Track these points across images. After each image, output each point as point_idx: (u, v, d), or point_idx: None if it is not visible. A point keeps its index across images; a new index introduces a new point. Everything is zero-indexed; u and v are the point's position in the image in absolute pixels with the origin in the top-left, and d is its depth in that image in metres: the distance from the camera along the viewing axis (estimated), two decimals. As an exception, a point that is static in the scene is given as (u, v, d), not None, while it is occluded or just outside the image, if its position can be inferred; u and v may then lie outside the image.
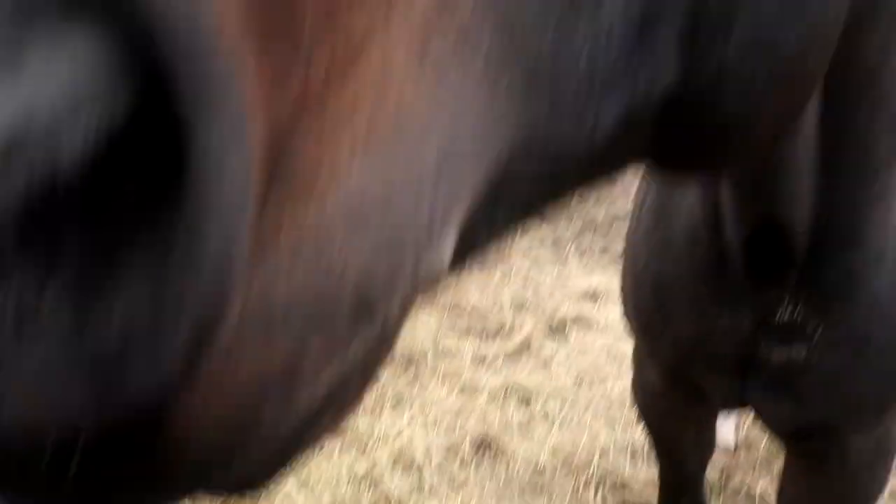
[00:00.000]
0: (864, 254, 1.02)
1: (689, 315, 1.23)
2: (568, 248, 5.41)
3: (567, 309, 4.30)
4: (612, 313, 4.24)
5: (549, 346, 3.90)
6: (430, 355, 3.76)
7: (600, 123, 0.46)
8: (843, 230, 0.99)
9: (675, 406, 1.57)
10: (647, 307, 1.36)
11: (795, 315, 1.07)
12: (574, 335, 4.04)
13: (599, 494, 2.88)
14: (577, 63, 0.41)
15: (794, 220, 0.97)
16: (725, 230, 1.06)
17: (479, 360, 3.78)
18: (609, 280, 4.75)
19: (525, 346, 3.89)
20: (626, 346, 3.85)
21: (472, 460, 3.07)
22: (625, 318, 1.53)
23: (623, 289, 1.49)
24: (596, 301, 4.47)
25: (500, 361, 3.77)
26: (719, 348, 1.21)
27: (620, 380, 3.61)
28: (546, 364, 3.75)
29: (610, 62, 0.43)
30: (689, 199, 1.19)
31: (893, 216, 1.03)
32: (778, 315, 1.09)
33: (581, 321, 4.18)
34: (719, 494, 2.85)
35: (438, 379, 3.57)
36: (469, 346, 3.88)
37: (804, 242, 0.99)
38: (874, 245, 1.02)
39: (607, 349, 3.88)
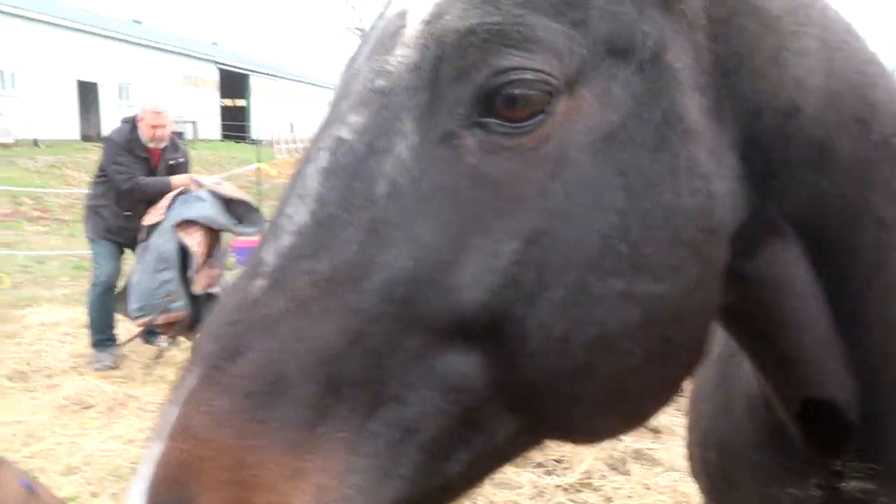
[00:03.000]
0: None
1: (753, 483, 1.21)
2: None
3: (627, 443, 4.20)
4: (675, 451, 4.13)
5: (611, 482, 3.80)
6: (487, 485, 3.71)
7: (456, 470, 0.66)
8: (892, 403, 0.97)
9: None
10: (712, 470, 1.34)
11: (861, 486, 1.06)
12: (636, 471, 3.93)
13: None
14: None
15: (835, 398, 0.96)
16: (776, 405, 1.07)
17: (538, 493, 3.71)
18: (669, 416, 4.65)
19: (586, 481, 3.81)
20: (691, 486, 3.73)
21: None
22: (691, 475, 1.51)
23: (689, 446, 1.48)
24: (659, 437, 4.36)
25: (559, 495, 3.69)
26: None
27: (686, 522, 3.47)
28: (608, 500, 3.65)
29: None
30: (746, 364, 1.18)
31: None
32: (844, 485, 1.08)
33: (643, 457, 4.08)
34: None
35: (496, 510, 3.51)
36: (527, 478, 3.83)
37: (856, 416, 0.98)
38: None
39: (672, 488, 3.75)
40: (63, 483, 3.58)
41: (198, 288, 5.16)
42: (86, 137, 29.25)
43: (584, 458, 3.99)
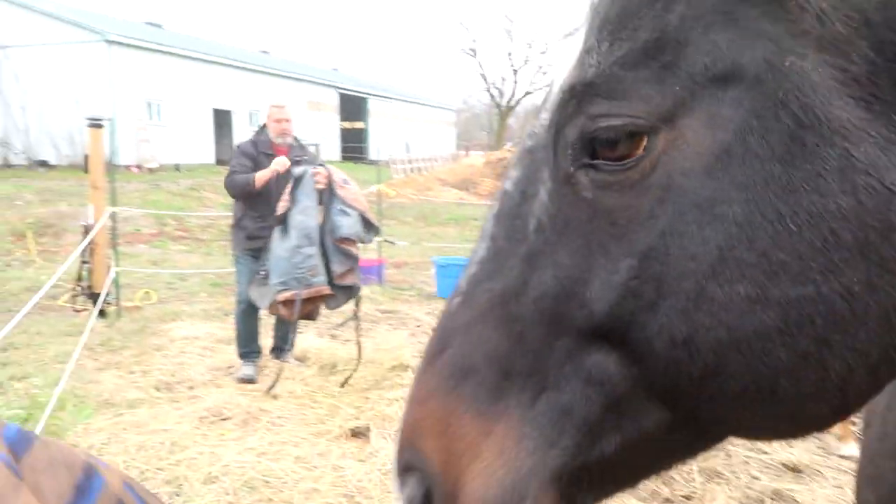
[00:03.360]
0: None
1: None
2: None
3: (765, 482, 3.93)
4: (819, 493, 3.82)
5: (746, 524, 3.57)
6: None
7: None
8: None
9: None
10: None
11: None
12: (775, 514, 3.66)
13: None
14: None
15: None
16: None
17: (666, 531, 3.54)
18: (811, 454, 4.30)
19: (718, 521, 3.59)
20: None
21: None
22: None
23: (860, 495, 1.36)
24: (800, 476, 4.05)
25: (688, 534, 3.50)
26: None
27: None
28: (743, 544, 3.42)
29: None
30: None
31: None
32: None
33: (782, 497, 3.79)
34: None
35: (621, 546, 3.38)
36: (654, 513, 3.66)
37: None
38: None
39: (816, 535, 3.46)
40: (204, 492, 3.82)
41: (337, 280, 5.49)
42: (220, 162, 31.47)
43: (717, 496, 3.77)
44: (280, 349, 6.07)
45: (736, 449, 4.35)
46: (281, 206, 5.40)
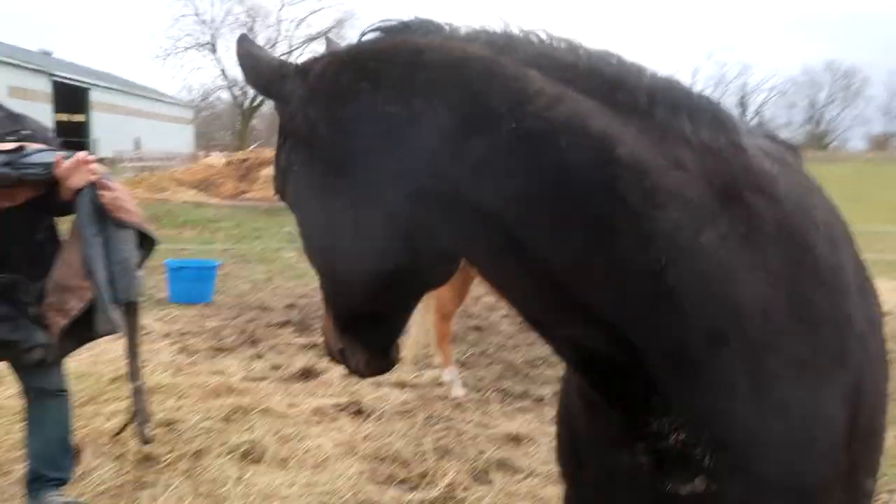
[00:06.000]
0: (715, 387, 1.03)
1: (594, 458, 1.29)
2: (489, 392, 5.47)
3: (491, 454, 4.29)
4: (536, 457, 4.27)
5: (474, 493, 3.85)
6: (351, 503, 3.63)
7: None
8: (684, 364, 1.03)
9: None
10: (564, 453, 1.46)
11: (680, 444, 1.08)
12: (499, 480, 4.01)
13: None
14: None
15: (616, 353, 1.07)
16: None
17: (403, 510, 3.67)
18: (531, 423, 4.81)
19: (449, 494, 3.82)
20: (553, 490, 3.84)
21: None
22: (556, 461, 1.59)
23: (555, 435, 1.57)
24: (519, 445, 4.49)
25: (424, 511, 3.67)
26: (629, 488, 1.21)
27: (547, 526, 3.57)
28: (472, 511, 3.68)
29: None
30: None
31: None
32: (668, 444, 1.10)
33: (505, 466, 4.17)
34: None
35: (360, 530, 3.42)
36: (391, 495, 3.78)
37: (648, 374, 1.06)
38: (722, 378, 1.04)
39: (533, 494, 3.87)
40: None
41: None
42: None
43: (448, 471, 4.02)
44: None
45: (467, 427, 4.69)
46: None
